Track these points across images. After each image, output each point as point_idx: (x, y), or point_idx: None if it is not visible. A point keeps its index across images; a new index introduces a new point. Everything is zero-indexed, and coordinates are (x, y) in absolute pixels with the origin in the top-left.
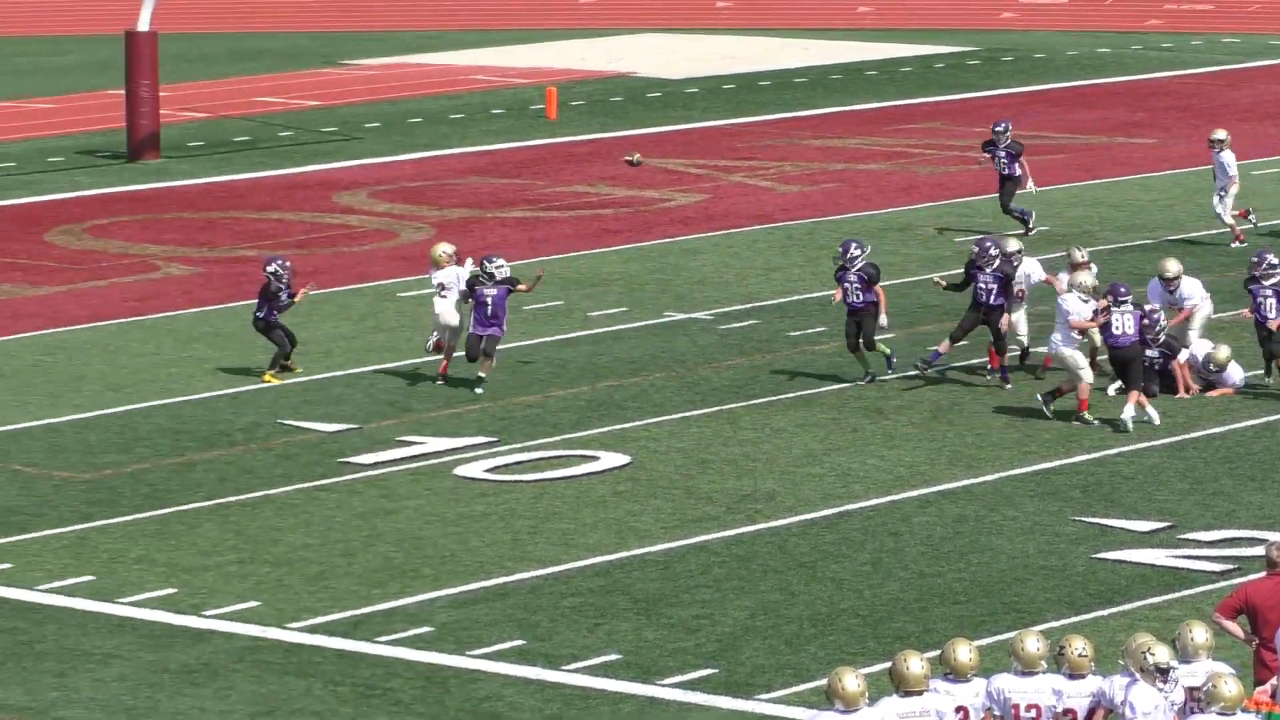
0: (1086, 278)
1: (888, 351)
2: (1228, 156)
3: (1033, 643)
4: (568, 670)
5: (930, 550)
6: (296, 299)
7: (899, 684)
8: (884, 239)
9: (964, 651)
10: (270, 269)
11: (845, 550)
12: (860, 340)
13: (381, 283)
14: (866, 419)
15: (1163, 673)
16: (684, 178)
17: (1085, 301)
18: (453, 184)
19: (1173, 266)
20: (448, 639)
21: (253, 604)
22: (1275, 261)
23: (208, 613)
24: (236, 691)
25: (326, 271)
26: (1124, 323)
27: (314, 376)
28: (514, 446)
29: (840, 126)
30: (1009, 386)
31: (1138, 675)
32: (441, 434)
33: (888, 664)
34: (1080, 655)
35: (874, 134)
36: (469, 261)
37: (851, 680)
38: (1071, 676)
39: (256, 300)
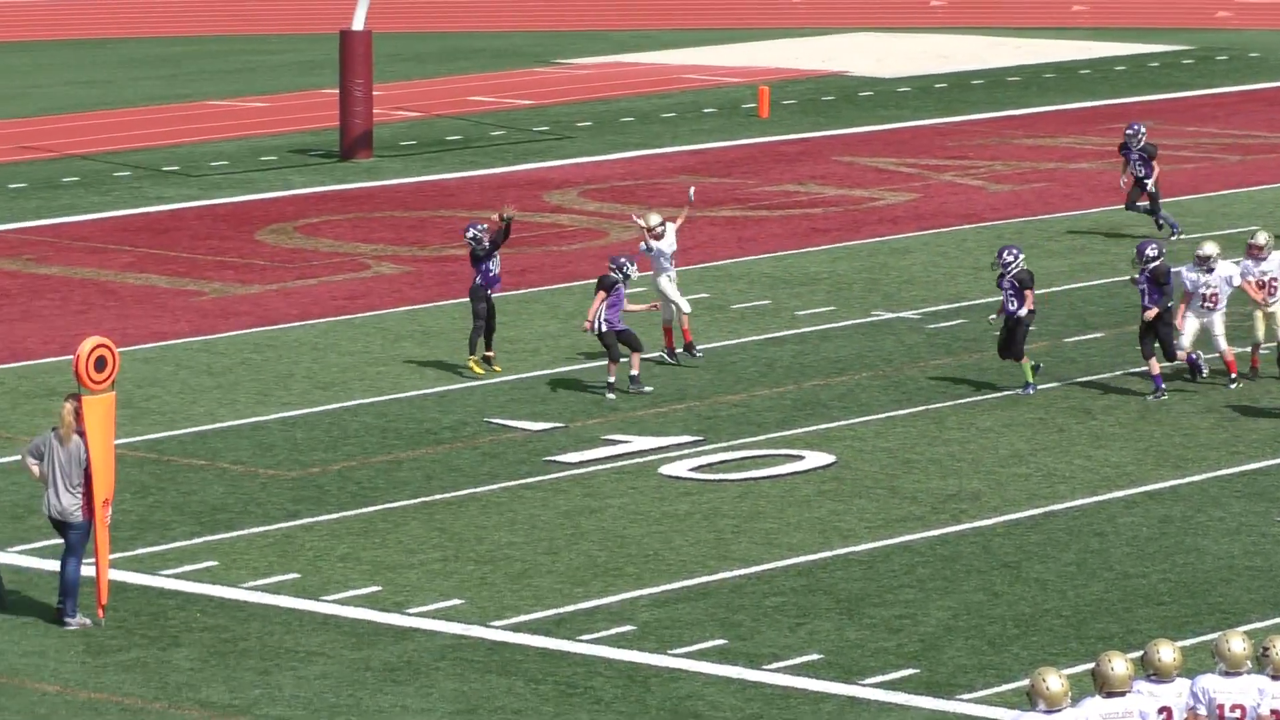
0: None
1: (1033, 364)
2: None
3: (1238, 643)
4: (769, 670)
5: (1135, 551)
6: (500, 219)
7: (1102, 685)
8: (1092, 239)
9: (1167, 652)
10: (469, 234)
11: (1050, 551)
12: (1010, 350)
13: (590, 281)
14: (1073, 419)
15: None
16: (894, 176)
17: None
18: (663, 183)
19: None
20: (649, 638)
21: (456, 602)
22: None
23: (411, 610)
24: (438, 690)
25: (535, 270)
26: None
27: (521, 375)
28: (719, 445)
29: (1052, 125)
30: (1162, 397)
31: None
32: (646, 433)
33: (1090, 665)
34: None
35: (1086, 133)
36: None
37: (1055, 680)
38: (1275, 678)
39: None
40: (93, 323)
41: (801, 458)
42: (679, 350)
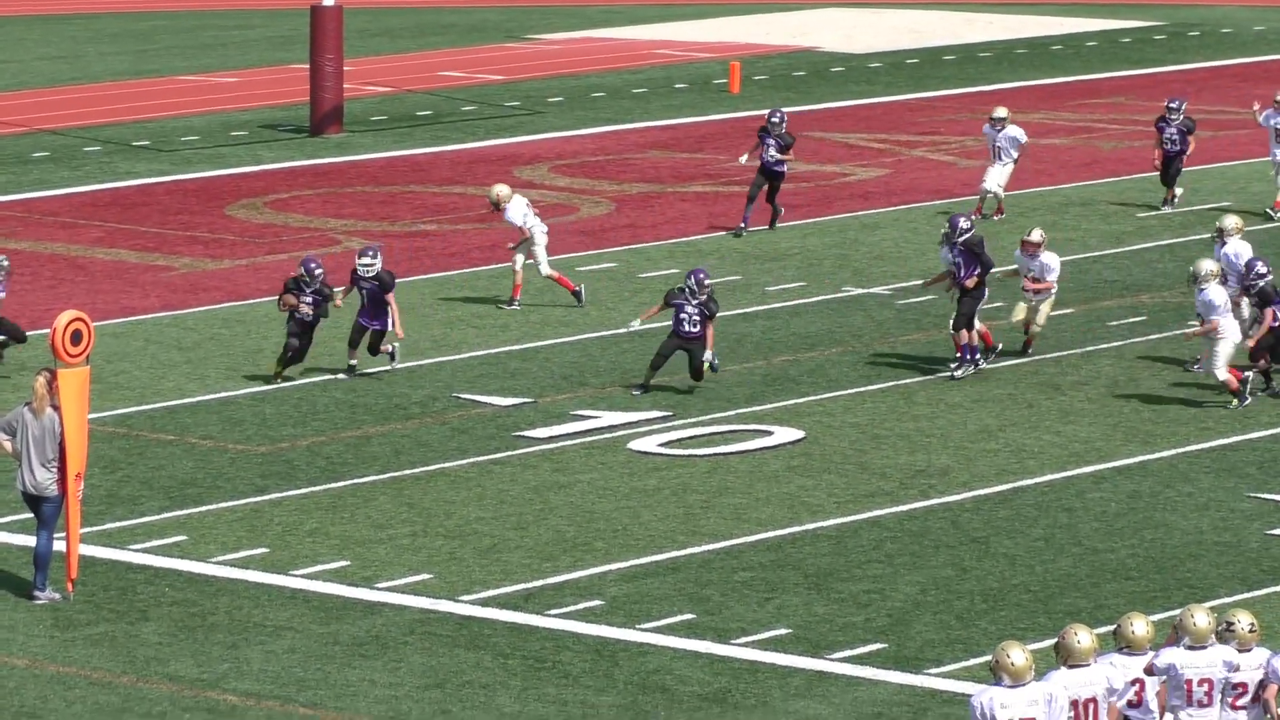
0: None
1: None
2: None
3: (1202, 617)
4: (737, 644)
5: (1104, 526)
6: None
7: (1066, 657)
8: (1065, 214)
9: (1140, 626)
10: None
11: (1018, 526)
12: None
13: (560, 257)
14: (1042, 394)
15: None
16: (865, 152)
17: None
18: (634, 159)
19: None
20: (618, 612)
21: (425, 577)
22: None
23: (379, 585)
24: (406, 664)
25: (506, 245)
26: None
27: (490, 350)
28: (688, 421)
29: (1024, 101)
30: (969, 370)
31: None
32: (616, 408)
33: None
34: (1250, 631)
35: (1058, 109)
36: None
37: (1019, 654)
38: (1242, 650)
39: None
40: (63, 297)
41: (770, 433)
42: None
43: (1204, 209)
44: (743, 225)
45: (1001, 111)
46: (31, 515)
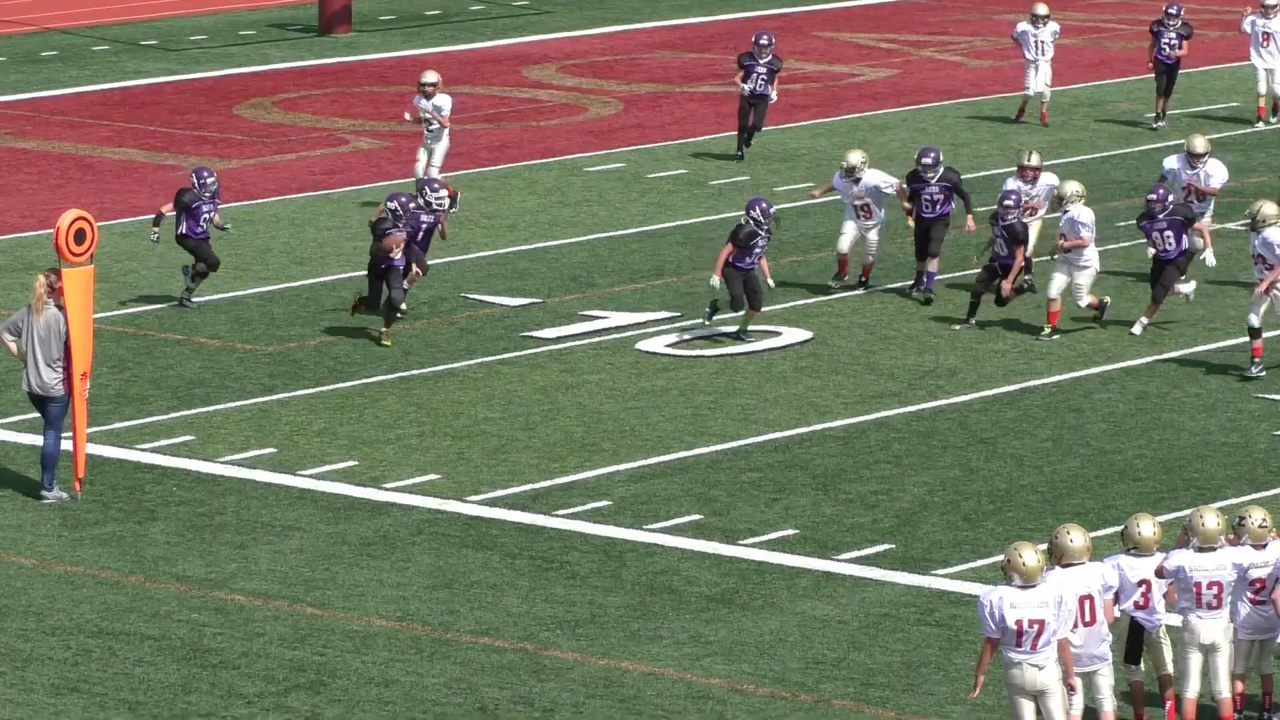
0: None
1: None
2: None
3: (1211, 519)
4: (745, 545)
5: (1111, 427)
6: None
7: (1060, 556)
8: (1074, 114)
9: (1147, 526)
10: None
11: (1026, 427)
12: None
13: (568, 157)
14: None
15: None
16: (874, 53)
17: None
18: (642, 58)
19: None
20: (626, 513)
21: (432, 477)
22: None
23: (387, 485)
24: (414, 564)
25: (514, 145)
26: None
27: (499, 250)
28: (696, 321)
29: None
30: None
31: None
32: (624, 309)
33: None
34: (1261, 526)
35: (1067, 8)
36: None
37: (1030, 555)
38: (1258, 547)
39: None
40: (71, 197)
41: (779, 334)
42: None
43: (1213, 109)
44: (740, 154)
45: (1043, 8)
46: (38, 415)
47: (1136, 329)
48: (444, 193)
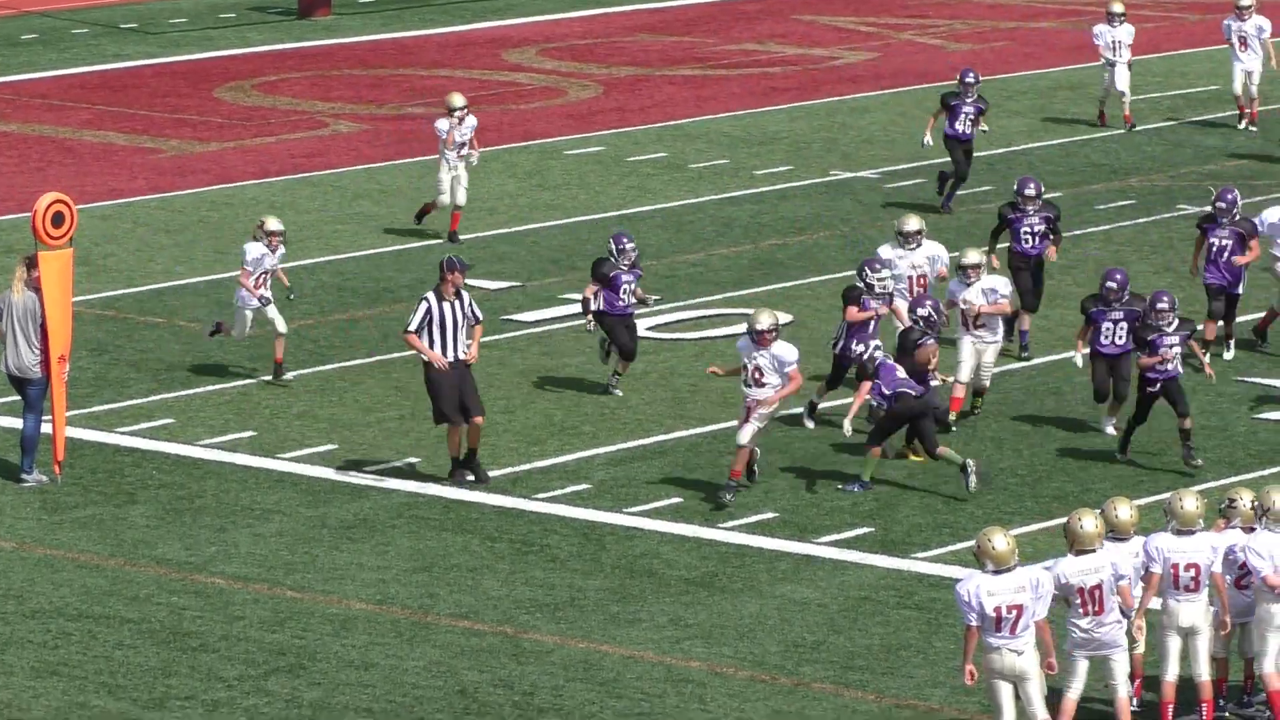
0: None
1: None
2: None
3: (1190, 501)
4: (724, 528)
5: (1091, 410)
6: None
7: (1072, 542)
8: (1054, 97)
9: (1124, 510)
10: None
11: (1005, 409)
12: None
13: (548, 140)
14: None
15: None
16: (853, 35)
17: None
18: (622, 42)
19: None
20: (605, 496)
21: (412, 460)
22: None
23: (367, 469)
24: (394, 547)
25: (494, 129)
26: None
27: (478, 234)
28: (676, 305)
29: None
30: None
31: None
32: None
33: (1045, 524)
34: (1252, 508)
35: None
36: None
37: (1000, 540)
38: (1246, 530)
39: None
40: (51, 180)
41: None
42: None
43: (1191, 92)
44: (947, 205)
45: (1119, 6)
46: (18, 397)
47: (1109, 430)
48: (886, 274)
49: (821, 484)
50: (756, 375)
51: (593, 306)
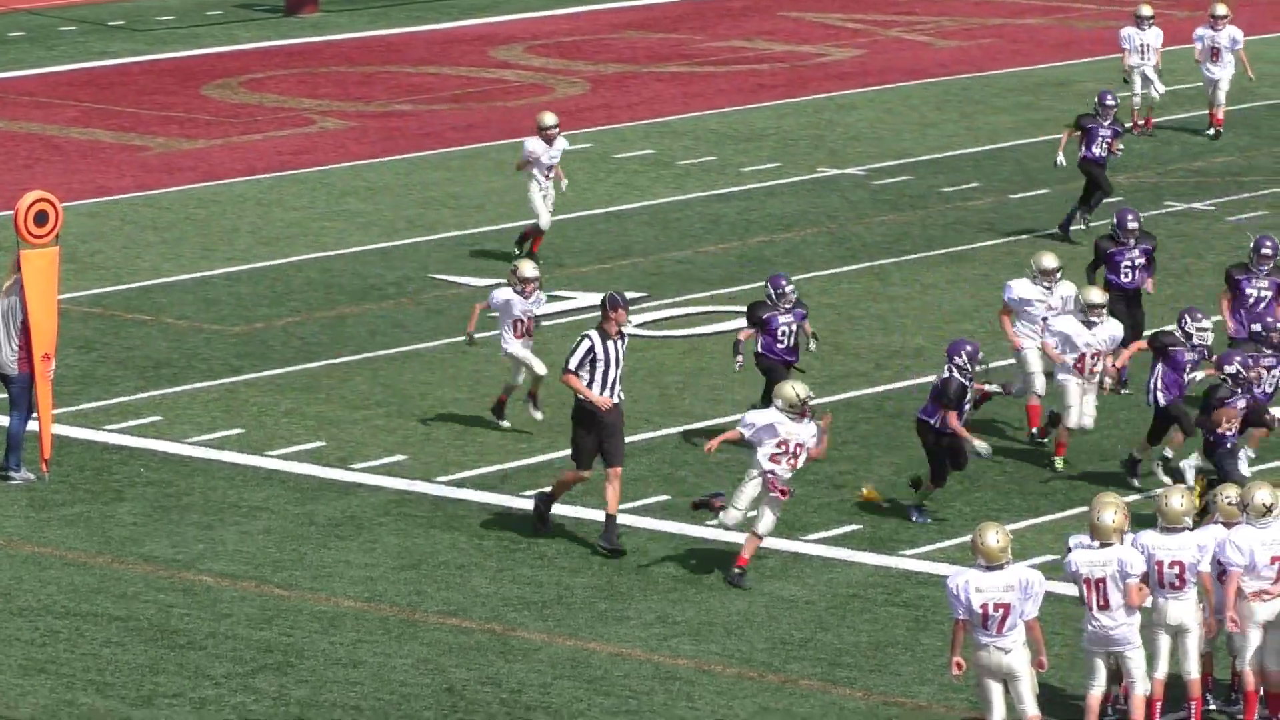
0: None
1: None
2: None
3: (1176, 499)
4: (712, 525)
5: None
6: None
7: (1093, 534)
8: (1041, 94)
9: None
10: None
11: (994, 407)
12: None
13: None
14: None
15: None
16: (840, 32)
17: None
18: (609, 39)
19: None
20: (593, 494)
21: (400, 458)
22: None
23: (355, 466)
24: (382, 545)
25: (481, 126)
26: None
27: (466, 231)
28: (664, 302)
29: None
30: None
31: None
32: (591, 289)
33: (1035, 520)
34: (1230, 504)
35: None
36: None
37: (992, 536)
38: (1226, 526)
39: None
40: (38, 177)
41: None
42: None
43: (1183, 88)
44: (1067, 234)
45: (1147, 9)
46: (3, 395)
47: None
48: (1207, 324)
49: (809, 480)
50: (797, 450)
51: (742, 350)
